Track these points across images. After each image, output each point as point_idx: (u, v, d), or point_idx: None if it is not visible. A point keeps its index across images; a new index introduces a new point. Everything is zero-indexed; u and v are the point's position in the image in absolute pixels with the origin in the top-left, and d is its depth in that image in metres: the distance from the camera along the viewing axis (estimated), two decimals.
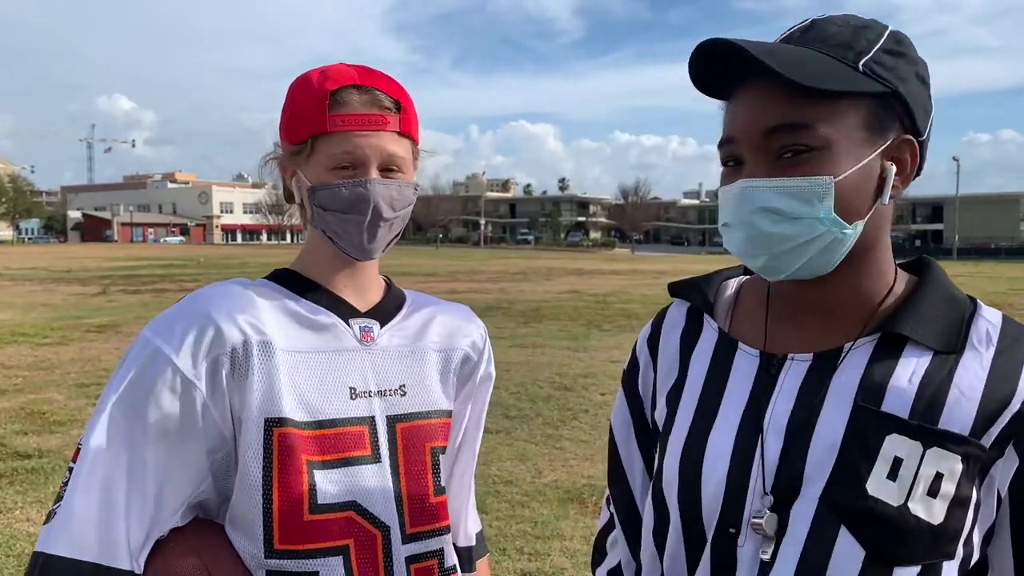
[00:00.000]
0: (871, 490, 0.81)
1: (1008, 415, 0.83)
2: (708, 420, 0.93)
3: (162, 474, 0.99)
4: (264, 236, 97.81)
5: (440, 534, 1.14)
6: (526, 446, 5.60)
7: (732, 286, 1.05)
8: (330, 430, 1.05)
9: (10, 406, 6.58)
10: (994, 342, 0.87)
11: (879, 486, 0.81)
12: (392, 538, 1.08)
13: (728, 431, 0.90)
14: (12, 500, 4.44)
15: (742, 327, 0.98)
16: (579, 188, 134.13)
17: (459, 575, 1.18)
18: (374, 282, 1.18)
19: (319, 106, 1.05)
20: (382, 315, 1.16)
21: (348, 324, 1.12)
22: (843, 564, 0.81)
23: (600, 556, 1.14)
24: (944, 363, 0.85)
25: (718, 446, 0.90)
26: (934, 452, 0.81)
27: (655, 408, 1.03)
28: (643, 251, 75.17)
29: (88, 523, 0.96)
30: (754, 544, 0.86)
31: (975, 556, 0.86)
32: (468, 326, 1.25)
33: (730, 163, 0.88)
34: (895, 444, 0.82)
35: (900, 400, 0.84)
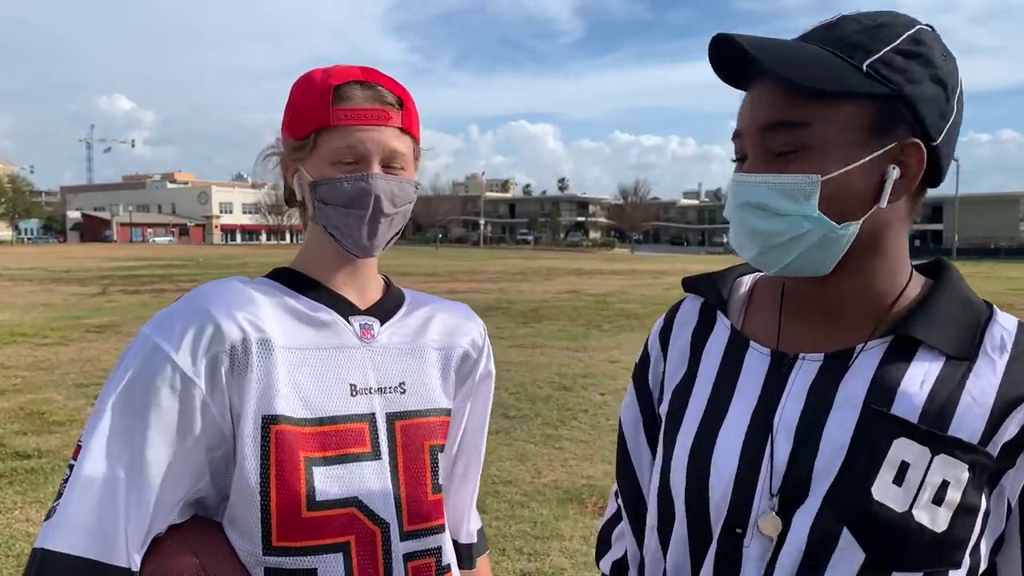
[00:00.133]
0: (876, 494, 0.80)
1: (1019, 424, 0.81)
2: (718, 419, 0.92)
3: (160, 471, 0.99)
4: (263, 236, 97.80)
5: (437, 532, 1.14)
6: (525, 446, 5.60)
7: (747, 283, 1.04)
8: (330, 427, 1.05)
9: (9, 406, 6.57)
10: (1008, 349, 0.85)
11: (884, 490, 0.80)
12: (391, 535, 1.08)
13: (738, 430, 0.89)
14: (11, 500, 4.44)
15: (755, 325, 0.97)
16: (579, 188, 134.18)
17: (455, 574, 1.18)
18: (373, 280, 1.18)
19: (323, 100, 1.06)
20: (382, 313, 1.16)
21: (348, 321, 1.12)
22: (843, 566, 0.80)
23: (605, 547, 1.14)
24: (957, 369, 0.84)
25: (727, 445, 0.89)
26: (942, 459, 0.80)
27: (663, 402, 1.02)
28: (643, 251, 75.15)
29: (86, 520, 0.96)
30: (760, 545, 0.85)
31: (982, 565, 0.84)
32: (468, 324, 1.25)
33: (738, 157, 0.89)
34: (903, 448, 0.80)
35: (910, 405, 0.82)
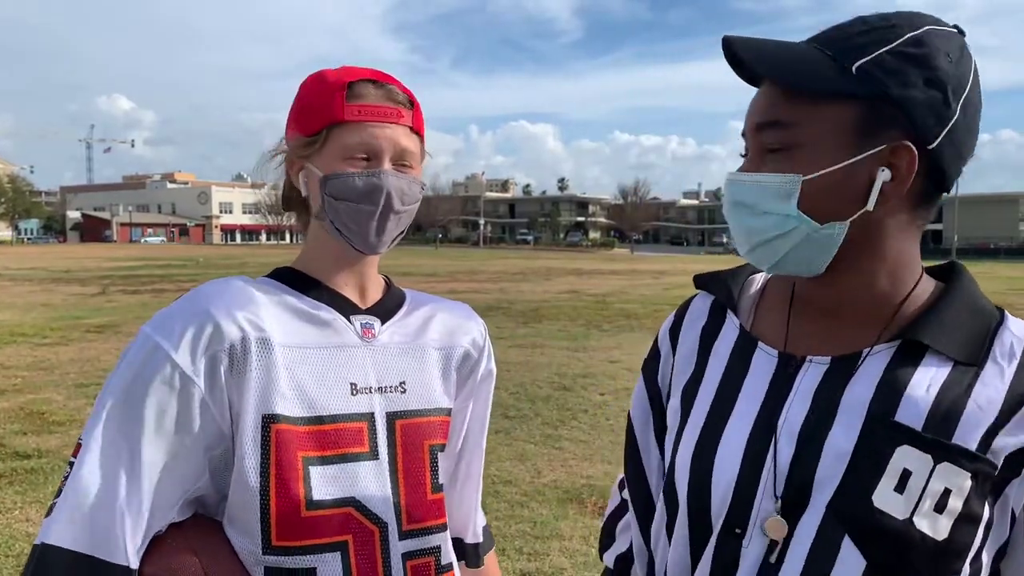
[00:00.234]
0: (877, 502, 0.80)
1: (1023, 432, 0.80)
2: (723, 418, 0.92)
3: (160, 470, 0.99)
4: (263, 236, 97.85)
5: (437, 531, 1.14)
6: (525, 446, 5.60)
7: (758, 281, 1.04)
8: (329, 426, 1.05)
9: (9, 406, 6.57)
10: (1018, 356, 0.84)
11: (886, 498, 0.80)
12: (389, 535, 1.08)
13: (742, 430, 0.89)
14: (11, 500, 4.44)
15: (764, 325, 0.97)
16: (578, 188, 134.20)
17: (455, 573, 1.18)
18: (374, 280, 1.18)
19: (337, 96, 1.06)
20: (383, 312, 1.16)
21: (349, 320, 1.12)
22: (845, 572, 0.80)
23: (609, 541, 1.13)
24: (964, 375, 0.83)
25: (731, 445, 0.89)
26: (944, 467, 0.79)
27: (671, 398, 1.03)
28: (642, 251, 75.18)
29: (85, 517, 0.96)
30: (759, 546, 0.85)
31: (984, 573, 0.84)
32: (468, 324, 1.25)
33: (743, 155, 0.90)
34: (905, 456, 0.80)
35: (915, 410, 0.81)
